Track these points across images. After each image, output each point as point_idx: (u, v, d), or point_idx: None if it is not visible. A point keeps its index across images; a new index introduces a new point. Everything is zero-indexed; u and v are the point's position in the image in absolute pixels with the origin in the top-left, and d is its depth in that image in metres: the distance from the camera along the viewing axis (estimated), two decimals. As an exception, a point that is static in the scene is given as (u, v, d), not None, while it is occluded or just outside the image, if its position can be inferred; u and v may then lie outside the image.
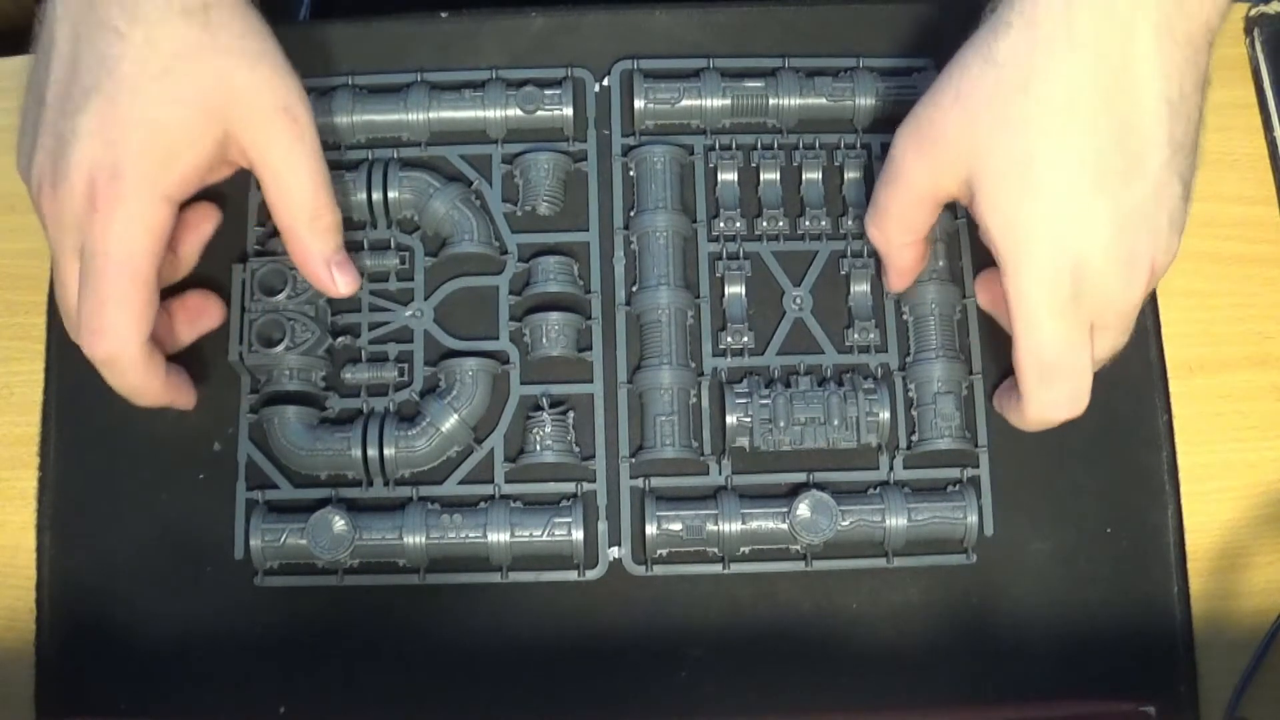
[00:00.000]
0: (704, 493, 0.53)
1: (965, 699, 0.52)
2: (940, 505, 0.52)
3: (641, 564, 0.52)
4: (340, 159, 0.55)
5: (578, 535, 0.51)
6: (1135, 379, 0.54)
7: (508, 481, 0.53)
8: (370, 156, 0.55)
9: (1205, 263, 0.56)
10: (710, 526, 0.51)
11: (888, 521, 0.51)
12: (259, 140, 0.48)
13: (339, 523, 0.51)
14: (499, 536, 0.51)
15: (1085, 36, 0.44)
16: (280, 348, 0.51)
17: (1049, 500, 0.53)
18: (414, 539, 0.51)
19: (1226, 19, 0.46)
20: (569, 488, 0.53)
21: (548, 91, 0.56)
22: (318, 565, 0.51)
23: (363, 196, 0.54)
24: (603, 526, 0.52)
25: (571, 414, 0.53)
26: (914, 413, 0.53)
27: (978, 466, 0.53)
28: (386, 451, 0.52)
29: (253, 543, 0.51)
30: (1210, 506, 0.54)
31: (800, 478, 0.53)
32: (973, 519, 0.52)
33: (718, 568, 0.52)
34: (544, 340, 0.53)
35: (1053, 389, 0.47)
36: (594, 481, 0.53)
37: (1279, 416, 0.55)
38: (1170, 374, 0.55)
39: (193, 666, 0.52)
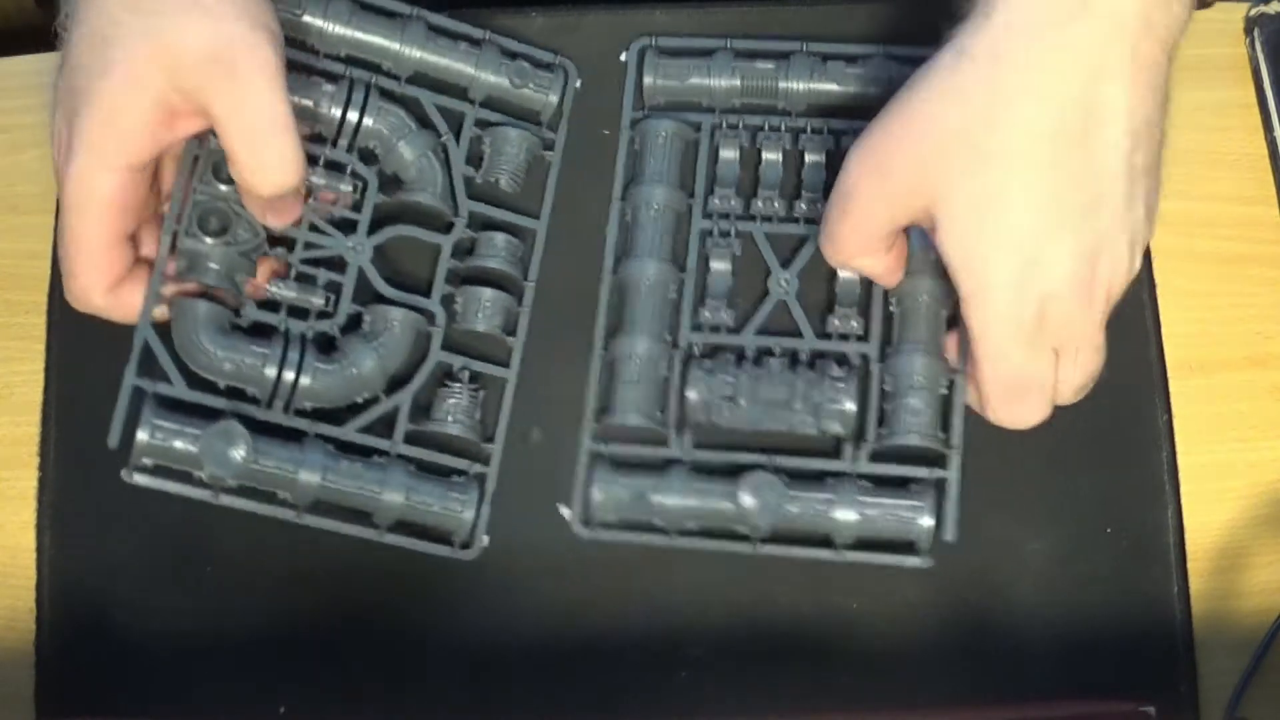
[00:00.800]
0: (661, 464, 0.52)
1: (965, 699, 0.52)
2: (894, 503, 0.50)
3: (587, 526, 0.52)
4: (314, 64, 0.54)
5: (468, 514, 0.51)
6: (1135, 379, 0.54)
7: (406, 442, 0.52)
8: (349, 74, 0.54)
9: (1205, 263, 0.56)
10: (655, 497, 0.51)
11: (836, 513, 0.50)
12: (197, 94, 0.47)
13: (239, 441, 0.48)
14: (393, 496, 0.50)
15: (1052, 75, 0.43)
16: (216, 239, 0.49)
17: (1048, 500, 0.53)
18: (309, 477, 0.49)
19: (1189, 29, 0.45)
20: (462, 464, 0.52)
21: (540, 72, 0.55)
22: (194, 476, 0.49)
23: (335, 112, 0.53)
24: (485, 510, 0.52)
25: (483, 393, 0.53)
26: (886, 406, 0.51)
27: (946, 468, 0.50)
28: (302, 379, 0.50)
29: (140, 435, 0.48)
30: (1210, 506, 0.54)
31: (760, 460, 0.51)
32: (927, 522, 0.50)
33: (662, 539, 0.51)
34: (475, 313, 0.53)
35: (1018, 406, 0.47)
36: (488, 464, 0.52)
37: (1279, 416, 0.55)
38: (1170, 374, 0.55)
39: (193, 666, 0.52)
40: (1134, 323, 0.55)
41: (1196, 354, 0.55)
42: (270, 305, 0.51)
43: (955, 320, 0.51)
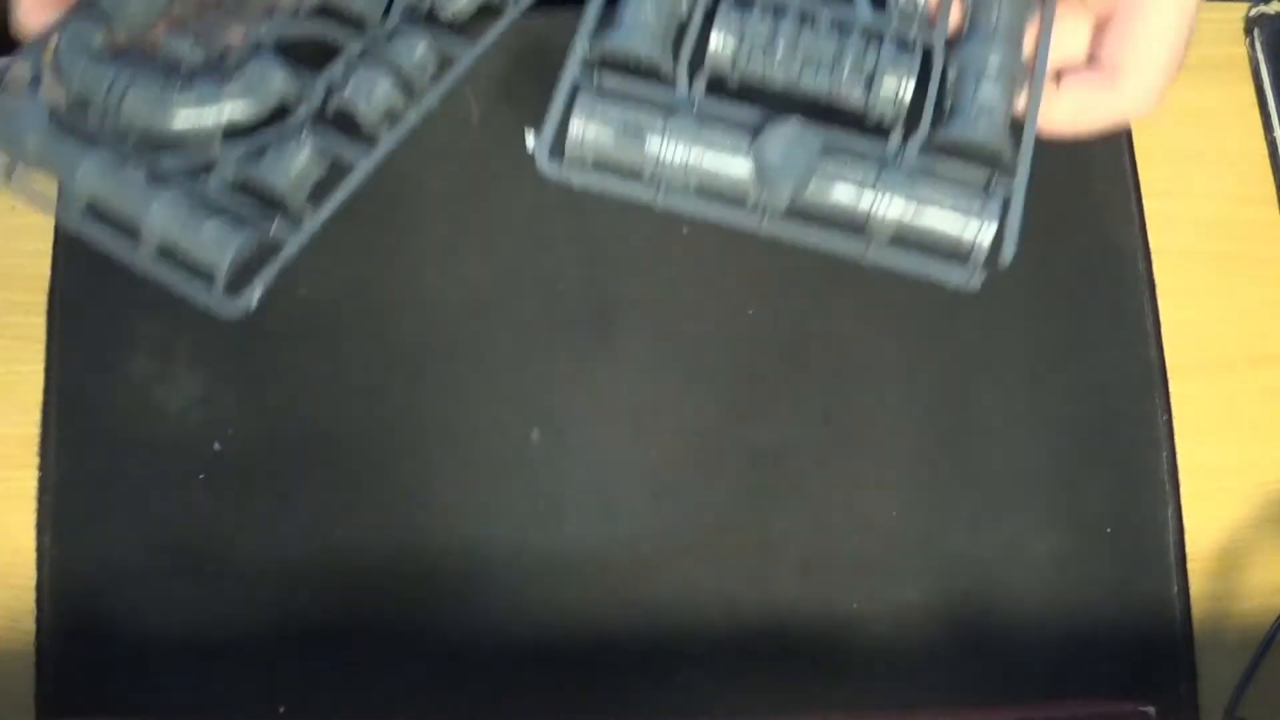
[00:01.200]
0: (661, 108, 0.43)
1: (965, 699, 0.52)
2: (952, 195, 0.41)
3: (557, 159, 0.43)
4: None
5: (224, 254, 0.44)
6: (1135, 379, 0.54)
7: (232, 190, 0.46)
8: None
9: (1205, 263, 0.56)
10: (653, 137, 0.42)
11: (879, 194, 0.41)
12: None
13: (40, 122, 0.47)
14: (155, 219, 0.45)
15: None
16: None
17: (1048, 500, 0.53)
18: (86, 175, 0.46)
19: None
20: (270, 217, 0.46)
21: None
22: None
23: None
24: (269, 271, 0.45)
25: (330, 168, 0.47)
26: (949, 101, 0.43)
27: (1013, 175, 0.42)
28: (129, 99, 0.47)
29: None
30: (1210, 506, 0.54)
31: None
32: (988, 224, 0.41)
33: (649, 193, 0.43)
34: (359, 93, 0.47)
35: (1170, 68, 0.45)
36: (277, 235, 0.46)
37: (1279, 416, 0.55)
38: (1170, 374, 0.55)
39: (192, 666, 0.52)
40: (1134, 323, 0.55)
41: (1196, 354, 0.55)
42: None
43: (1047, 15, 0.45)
